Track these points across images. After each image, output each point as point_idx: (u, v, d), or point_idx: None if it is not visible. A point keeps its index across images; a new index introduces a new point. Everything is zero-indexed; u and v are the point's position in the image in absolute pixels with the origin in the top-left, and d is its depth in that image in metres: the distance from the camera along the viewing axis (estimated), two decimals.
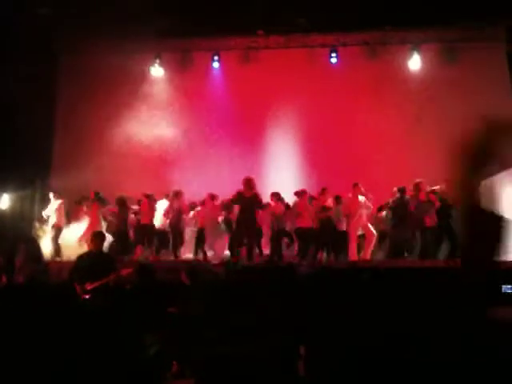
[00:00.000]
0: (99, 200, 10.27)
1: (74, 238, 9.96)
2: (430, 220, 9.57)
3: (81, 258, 6.45)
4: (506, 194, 9.51)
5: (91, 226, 9.76)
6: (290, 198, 10.38)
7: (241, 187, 9.83)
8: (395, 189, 9.92)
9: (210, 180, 11.04)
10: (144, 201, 10.35)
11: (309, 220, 9.95)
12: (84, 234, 9.69)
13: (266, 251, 10.22)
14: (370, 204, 10.01)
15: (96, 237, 6.57)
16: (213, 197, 10.46)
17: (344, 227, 10.05)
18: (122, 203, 10.22)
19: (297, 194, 10.25)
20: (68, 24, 11.05)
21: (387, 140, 11.75)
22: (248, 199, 9.43)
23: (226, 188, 10.64)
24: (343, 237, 10.03)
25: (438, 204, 9.56)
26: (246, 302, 4.68)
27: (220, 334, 4.20)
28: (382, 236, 10.19)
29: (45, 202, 11.68)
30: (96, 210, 10.17)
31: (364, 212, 9.87)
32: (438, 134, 11.52)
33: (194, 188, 10.90)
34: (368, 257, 9.77)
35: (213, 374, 3.85)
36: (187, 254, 10.58)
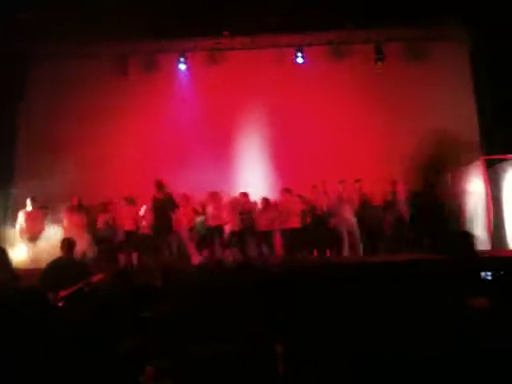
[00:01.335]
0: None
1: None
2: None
3: (51, 265, 6.36)
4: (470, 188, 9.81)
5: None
6: (260, 196, 10.75)
7: (213, 188, 9.95)
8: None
9: (179, 182, 11.02)
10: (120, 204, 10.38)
11: (297, 220, 10.05)
12: None
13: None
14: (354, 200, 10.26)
15: (66, 243, 6.48)
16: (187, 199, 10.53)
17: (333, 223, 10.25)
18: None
19: (283, 191, 10.34)
20: (32, 29, 10.86)
21: (355, 137, 11.91)
22: (160, 202, 9.42)
23: (196, 189, 10.70)
24: (333, 234, 10.19)
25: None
26: (219, 302, 4.70)
27: (194, 335, 4.20)
28: None
29: (8, 210, 11.49)
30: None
31: (348, 208, 10.06)
32: (405, 130, 11.76)
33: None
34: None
35: (189, 375, 3.86)
36: None
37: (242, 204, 10.46)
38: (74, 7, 9.65)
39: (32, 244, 9.98)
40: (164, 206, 9.50)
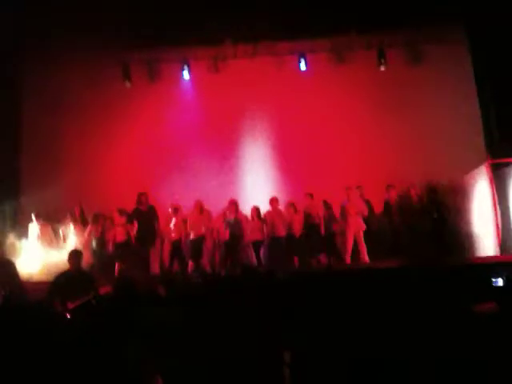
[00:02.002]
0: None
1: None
2: None
3: (59, 277, 6.38)
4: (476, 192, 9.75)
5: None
6: (264, 203, 10.73)
7: (215, 197, 9.98)
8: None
9: (184, 190, 11.05)
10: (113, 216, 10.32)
11: (283, 229, 10.10)
12: None
13: None
14: (362, 206, 10.22)
15: (73, 255, 6.50)
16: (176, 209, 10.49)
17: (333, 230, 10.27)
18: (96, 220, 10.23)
19: (272, 200, 10.38)
20: (31, 38, 10.90)
21: (359, 143, 11.90)
22: (144, 214, 9.60)
23: (202, 197, 10.71)
24: (332, 240, 10.18)
25: None
26: (225, 311, 4.67)
27: (201, 344, 4.18)
28: None
29: (16, 221, 11.46)
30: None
31: (356, 214, 10.04)
32: (408, 135, 11.73)
33: (169, 197, 10.89)
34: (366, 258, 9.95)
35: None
36: None
37: (229, 213, 10.40)
38: (75, 13, 9.67)
39: (43, 256, 9.98)
40: (147, 218, 9.66)
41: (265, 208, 10.75)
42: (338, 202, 10.47)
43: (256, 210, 10.48)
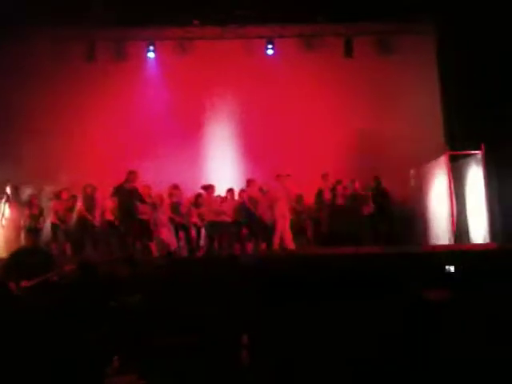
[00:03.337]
0: None
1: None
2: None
3: (15, 254, 6.25)
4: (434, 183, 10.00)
5: None
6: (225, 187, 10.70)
7: (181, 179, 9.90)
8: None
9: (148, 171, 10.93)
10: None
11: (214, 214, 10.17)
12: None
13: None
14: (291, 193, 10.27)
15: (31, 233, 6.41)
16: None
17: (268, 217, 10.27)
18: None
19: (203, 188, 10.39)
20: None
21: (324, 130, 12.00)
22: (127, 192, 9.50)
23: (164, 178, 10.62)
24: (266, 227, 10.24)
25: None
26: (187, 293, 4.70)
27: (162, 326, 4.20)
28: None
29: None
30: None
31: (286, 201, 10.07)
32: (371, 123, 11.88)
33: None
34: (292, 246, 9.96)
35: (156, 367, 3.85)
36: None
37: (172, 197, 10.32)
38: None
39: None
40: (128, 197, 9.56)
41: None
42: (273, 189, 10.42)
43: (198, 194, 10.44)
